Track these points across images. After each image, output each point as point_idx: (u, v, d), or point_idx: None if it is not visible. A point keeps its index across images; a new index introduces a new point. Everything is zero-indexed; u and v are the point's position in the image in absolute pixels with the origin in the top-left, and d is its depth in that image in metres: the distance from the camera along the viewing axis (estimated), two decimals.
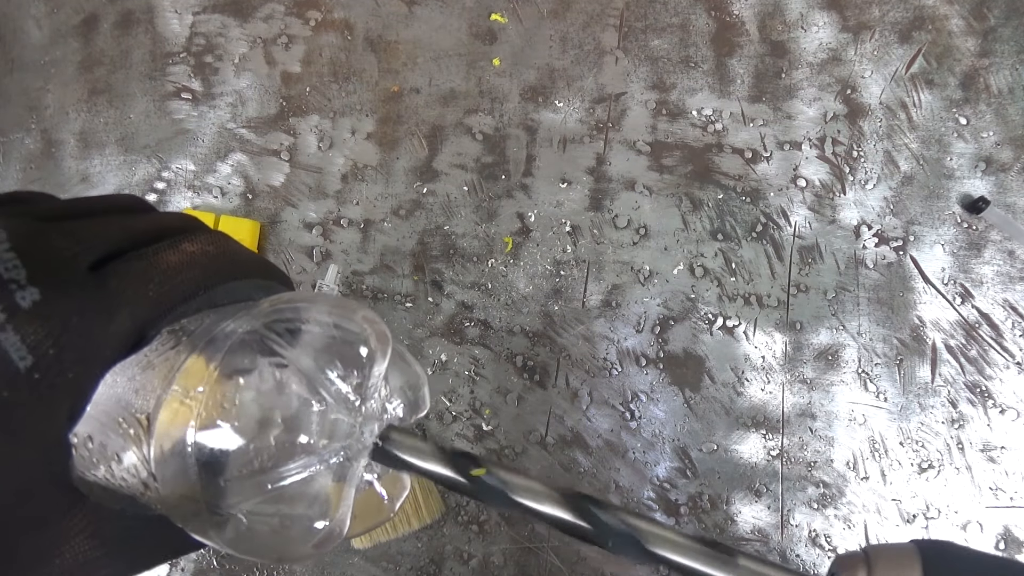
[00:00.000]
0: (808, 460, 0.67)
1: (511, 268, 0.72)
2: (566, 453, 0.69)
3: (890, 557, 0.20)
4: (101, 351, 0.18)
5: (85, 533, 0.19)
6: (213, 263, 0.22)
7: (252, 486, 0.20)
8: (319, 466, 0.21)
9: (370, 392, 0.22)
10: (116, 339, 0.19)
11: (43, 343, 0.17)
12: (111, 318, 0.19)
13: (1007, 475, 0.66)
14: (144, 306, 0.20)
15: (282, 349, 0.21)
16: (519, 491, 0.23)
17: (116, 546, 0.20)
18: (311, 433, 0.21)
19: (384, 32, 0.77)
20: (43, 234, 0.18)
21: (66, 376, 0.17)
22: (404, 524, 0.66)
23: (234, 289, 0.23)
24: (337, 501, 0.22)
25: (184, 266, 0.21)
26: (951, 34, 0.72)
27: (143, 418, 0.21)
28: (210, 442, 0.20)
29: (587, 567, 0.67)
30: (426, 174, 0.74)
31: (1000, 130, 0.70)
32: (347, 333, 0.22)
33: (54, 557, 0.19)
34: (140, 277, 0.20)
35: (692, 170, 0.72)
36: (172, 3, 0.80)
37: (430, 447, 0.23)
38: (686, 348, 0.69)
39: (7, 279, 0.17)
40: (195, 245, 0.22)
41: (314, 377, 0.21)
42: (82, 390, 0.18)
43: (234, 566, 0.69)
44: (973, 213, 0.69)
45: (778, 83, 0.73)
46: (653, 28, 0.75)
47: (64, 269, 0.18)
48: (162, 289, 0.20)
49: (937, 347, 0.68)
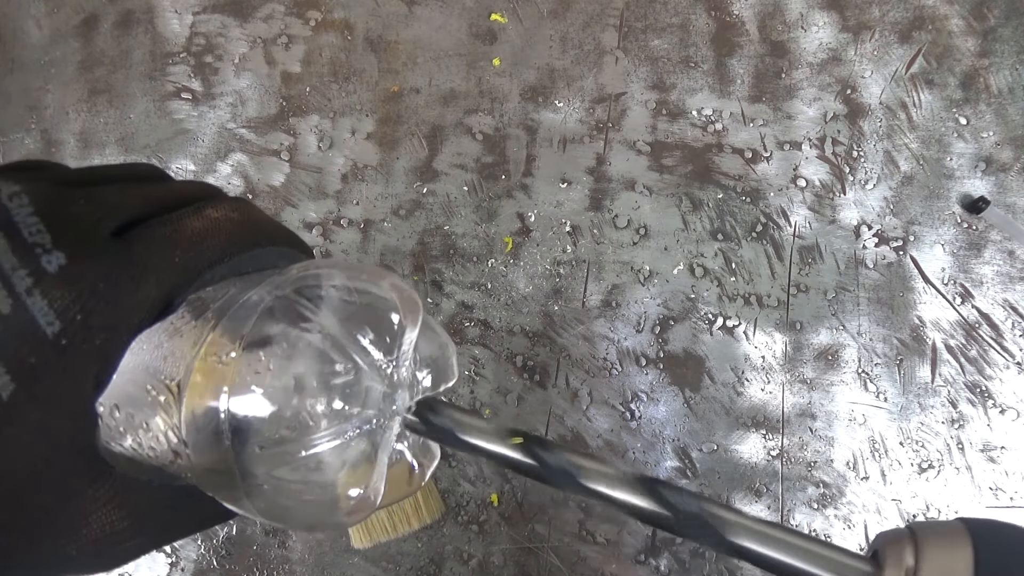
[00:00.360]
0: (808, 460, 0.67)
1: (511, 268, 0.72)
2: None
3: (938, 535, 0.19)
4: (128, 318, 0.18)
5: (112, 504, 0.19)
6: (238, 229, 0.22)
7: (285, 452, 0.20)
8: (352, 433, 0.21)
9: (402, 359, 0.22)
10: (143, 306, 0.19)
11: (70, 308, 0.17)
12: (137, 285, 0.18)
13: (1007, 475, 0.66)
14: (170, 273, 0.19)
15: (313, 314, 0.21)
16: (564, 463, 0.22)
17: (143, 517, 0.20)
18: (345, 399, 0.21)
19: (384, 32, 0.77)
20: (65, 199, 0.18)
21: (93, 343, 0.17)
22: (404, 524, 0.66)
23: (258, 256, 0.22)
24: (370, 469, 0.22)
25: (209, 232, 0.21)
26: (951, 34, 0.72)
27: (173, 385, 0.20)
28: (243, 408, 0.20)
29: (587, 567, 0.67)
30: (426, 174, 0.74)
31: (1000, 130, 0.70)
32: (377, 299, 0.22)
33: (81, 527, 0.19)
34: (165, 243, 0.20)
35: (692, 170, 0.72)
36: (172, 3, 0.80)
37: (467, 416, 0.23)
38: (686, 348, 0.69)
39: (32, 243, 0.16)
40: (219, 211, 0.21)
41: (346, 343, 0.21)
42: (109, 357, 0.18)
43: (234, 566, 0.69)
44: (973, 213, 0.69)
45: (778, 83, 0.73)
46: (653, 28, 0.75)
47: (89, 234, 0.18)
48: (188, 255, 0.20)
49: (937, 347, 0.68)
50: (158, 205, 0.21)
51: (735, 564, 0.66)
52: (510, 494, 0.68)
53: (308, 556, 0.69)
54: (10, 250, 0.16)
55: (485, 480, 0.68)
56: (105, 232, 0.18)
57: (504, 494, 0.68)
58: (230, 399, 0.20)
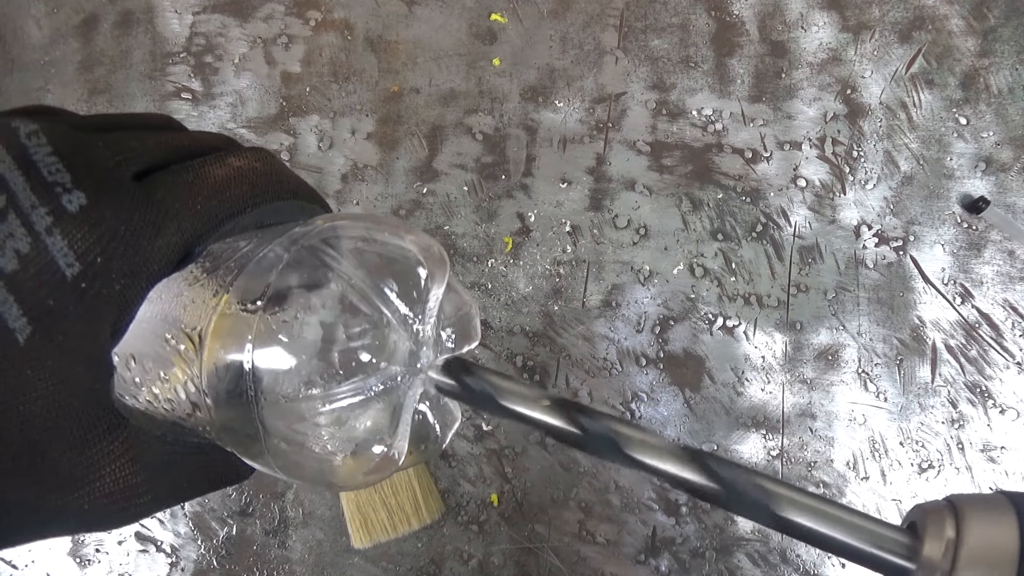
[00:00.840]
0: (808, 460, 0.67)
1: (511, 268, 0.72)
2: (566, 453, 0.69)
3: (980, 507, 0.18)
4: (149, 264, 0.18)
5: (125, 457, 0.19)
6: (261, 180, 0.21)
7: (309, 406, 0.20)
8: (377, 388, 0.20)
9: (428, 316, 0.21)
10: (163, 253, 0.18)
11: (91, 250, 0.16)
12: (158, 231, 0.18)
13: (1007, 475, 0.66)
14: (192, 220, 0.19)
15: (339, 265, 0.20)
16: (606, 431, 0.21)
17: (157, 472, 0.20)
18: (371, 351, 0.20)
19: (384, 32, 0.77)
20: (83, 141, 0.18)
21: (113, 288, 0.17)
22: (404, 524, 0.66)
23: (280, 209, 0.22)
24: (393, 427, 0.21)
25: (232, 181, 0.20)
26: (951, 34, 0.72)
27: (194, 334, 0.20)
28: (267, 359, 0.19)
29: (587, 567, 0.67)
30: (426, 174, 0.74)
31: (1000, 130, 0.70)
32: (405, 253, 0.21)
33: (94, 480, 0.18)
34: (187, 190, 0.19)
35: (692, 170, 0.72)
36: (172, 3, 0.80)
37: (503, 379, 0.22)
38: (686, 348, 0.69)
39: (51, 182, 0.16)
40: (242, 160, 0.21)
41: (373, 294, 0.20)
42: (128, 304, 0.17)
43: (234, 566, 0.69)
44: (973, 213, 0.69)
45: (778, 83, 0.73)
46: (653, 28, 0.75)
47: (110, 176, 0.17)
48: (210, 203, 0.19)
49: (937, 347, 0.68)
50: (179, 152, 0.20)
51: (735, 564, 0.66)
52: (510, 494, 0.68)
53: (308, 556, 0.69)
54: (29, 188, 0.16)
55: (485, 480, 0.68)
56: (126, 175, 0.18)
57: (504, 494, 0.68)
58: (254, 350, 0.19)
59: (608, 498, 0.68)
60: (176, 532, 0.70)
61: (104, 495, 0.18)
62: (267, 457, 0.20)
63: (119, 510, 0.19)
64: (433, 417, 0.24)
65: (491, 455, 0.69)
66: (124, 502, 0.19)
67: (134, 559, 0.70)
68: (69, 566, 0.71)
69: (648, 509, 0.67)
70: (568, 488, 0.68)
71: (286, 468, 0.21)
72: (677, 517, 0.67)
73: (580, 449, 0.21)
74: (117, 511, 0.19)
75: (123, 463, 0.19)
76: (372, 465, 0.21)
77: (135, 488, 0.19)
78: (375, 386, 0.20)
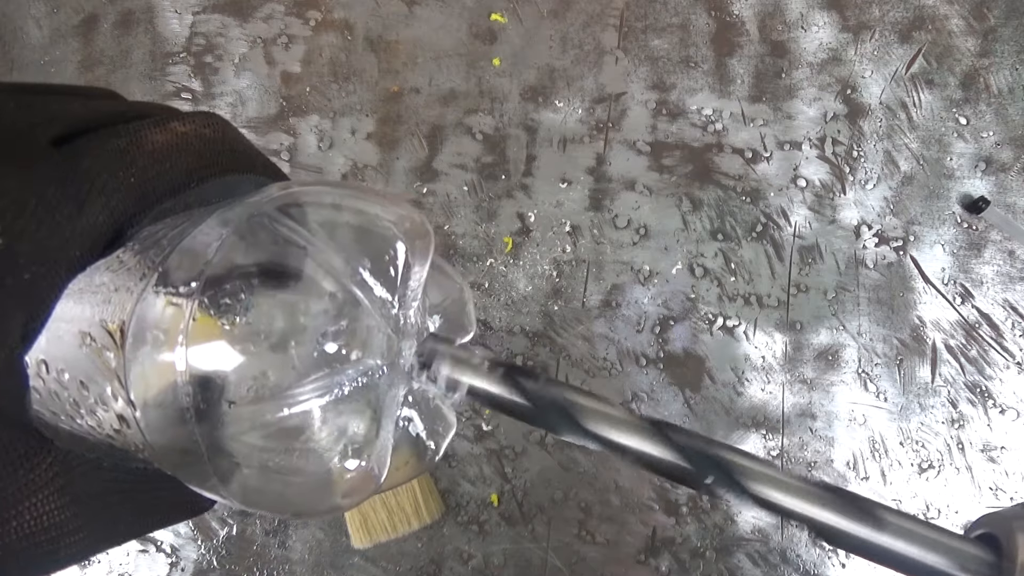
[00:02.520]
0: (808, 460, 0.67)
1: (511, 268, 0.72)
2: (566, 453, 0.69)
3: None
4: (67, 248, 0.14)
5: (50, 487, 0.15)
6: (209, 148, 0.17)
7: (264, 411, 0.16)
8: (348, 387, 0.17)
9: (409, 300, 0.18)
10: (87, 235, 0.14)
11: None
12: (81, 208, 0.14)
13: (1007, 475, 0.66)
14: (123, 195, 0.15)
15: (298, 238, 0.16)
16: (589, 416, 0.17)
17: (91, 506, 0.16)
18: (339, 340, 0.16)
19: (384, 32, 0.77)
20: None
21: (21, 277, 0.13)
22: (404, 524, 0.66)
23: (230, 184, 0.18)
24: (372, 436, 0.17)
25: (174, 149, 0.16)
26: (951, 34, 0.72)
27: (115, 327, 0.16)
28: (205, 356, 0.15)
29: (587, 567, 0.67)
30: (426, 174, 0.74)
31: (1000, 130, 0.70)
32: (380, 224, 0.18)
33: (10, 518, 0.14)
34: (119, 158, 0.15)
35: (692, 170, 0.72)
36: (172, 3, 0.80)
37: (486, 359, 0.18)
38: (686, 348, 0.69)
39: None
40: (187, 125, 0.17)
41: (341, 273, 0.16)
42: (40, 299, 0.14)
43: (234, 566, 0.69)
44: (973, 213, 0.69)
45: (778, 83, 0.73)
46: (653, 28, 0.75)
47: (19, 140, 0.14)
48: (146, 176, 0.16)
49: (937, 347, 0.68)
50: (111, 117, 0.16)
51: (735, 564, 0.66)
52: (510, 494, 0.68)
53: (308, 556, 0.69)
54: None
55: (485, 480, 0.68)
56: (41, 139, 0.14)
57: (504, 494, 0.68)
58: (188, 345, 0.15)
59: (608, 498, 0.68)
60: (176, 532, 0.70)
61: (24, 535, 0.15)
62: (213, 481, 0.16)
63: (45, 553, 0.15)
64: (423, 423, 0.20)
65: (491, 455, 0.69)
66: (51, 543, 0.15)
67: (134, 559, 0.70)
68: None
69: (648, 509, 0.67)
70: (568, 488, 0.68)
71: (241, 495, 0.17)
72: (677, 517, 0.67)
73: (528, 422, 0.18)
74: (42, 555, 0.15)
75: (47, 494, 0.15)
76: (347, 486, 0.17)
77: (64, 525, 0.15)
78: (345, 384, 0.17)
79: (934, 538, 0.16)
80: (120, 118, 0.16)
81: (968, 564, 0.16)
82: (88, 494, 0.16)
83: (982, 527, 0.18)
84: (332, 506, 0.18)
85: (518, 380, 0.18)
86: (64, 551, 0.15)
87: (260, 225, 0.16)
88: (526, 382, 0.18)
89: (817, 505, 0.17)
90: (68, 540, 0.15)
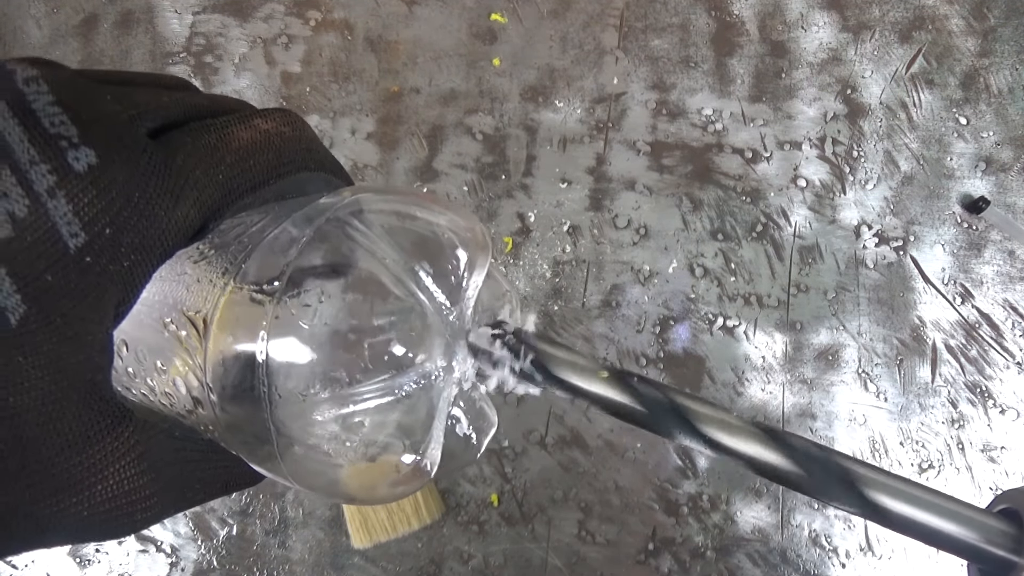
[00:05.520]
0: None
1: (511, 268, 0.72)
2: (566, 453, 0.69)
3: None
4: (163, 239, 0.15)
5: (131, 455, 0.16)
6: (288, 147, 0.18)
7: (331, 406, 0.17)
8: (408, 388, 0.18)
9: (466, 306, 0.19)
10: (179, 227, 0.15)
11: (99, 219, 0.14)
12: (177, 201, 0.15)
13: (1007, 475, 0.66)
14: (212, 191, 0.16)
15: (369, 243, 0.17)
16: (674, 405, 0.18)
17: (165, 473, 0.17)
18: (406, 343, 0.17)
19: (384, 32, 0.77)
20: (90, 91, 0.15)
21: (121, 264, 0.14)
22: (404, 524, 0.66)
23: (304, 181, 0.19)
24: (426, 433, 0.18)
25: (258, 146, 0.17)
26: (951, 34, 0.72)
27: (199, 319, 0.17)
28: (284, 350, 0.16)
29: (587, 567, 0.67)
30: (426, 174, 0.74)
31: (1000, 130, 0.70)
32: (444, 232, 0.19)
33: (95, 483, 0.15)
34: (210, 154, 0.16)
35: (692, 170, 0.72)
36: (172, 3, 0.80)
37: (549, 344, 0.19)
38: (686, 348, 0.69)
39: (54, 134, 0.13)
40: (269, 123, 0.18)
41: (408, 277, 0.17)
42: (134, 284, 0.15)
43: (234, 566, 0.69)
44: (973, 213, 0.69)
45: (778, 83, 0.73)
46: (653, 28, 0.75)
47: (123, 132, 0.15)
48: (233, 172, 0.17)
49: (937, 347, 0.68)
50: (197, 110, 0.17)
51: (735, 564, 0.66)
52: (510, 494, 0.68)
53: (308, 556, 0.69)
54: (27, 140, 0.13)
55: (485, 480, 0.68)
56: (141, 132, 0.15)
57: (504, 494, 0.68)
58: (269, 339, 0.16)
59: (608, 498, 0.68)
60: (176, 532, 0.70)
61: (107, 499, 0.16)
62: (278, 462, 0.18)
63: (124, 515, 0.16)
64: (468, 422, 0.21)
65: (491, 455, 0.69)
66: (129, 507, 0.16)
67: (134, 559, 0.70)
68: (69, 566, 0.70)
69: (648, 509, 0.67)
70: (568, 488, 0.68)
71: (299, 476, 0.18)
72: (677, 517, 0.67)
73: (641, 426, 0.19)
74: (122, 517, 0.16)
75: (128, 462, 0.16)
76: (401, 476, 0.18)
77: (142, 490, 0.16)
78: (407, 385, 0.18)
79: (955, 510, 0.17)
80: (207, 112, 0.17)
81: (992, 537, 0.16)
82: (163, 462, 0.17)
83: (1004, 502, 0.18)
84: (384, 495, 0.19)
85: (630, 383, 0.19)
86: (140, 515, 0.17)
87: (335, 229, 0.17)
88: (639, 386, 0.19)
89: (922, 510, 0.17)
90: (144, 505, 0.17)
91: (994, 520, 0.17)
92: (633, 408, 0.19)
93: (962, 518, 0.17)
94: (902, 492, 0.17)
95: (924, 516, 0.17)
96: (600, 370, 0.19)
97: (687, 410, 0.18)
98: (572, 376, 0.19)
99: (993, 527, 0.17)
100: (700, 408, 0.18)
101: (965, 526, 0.17)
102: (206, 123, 0.17)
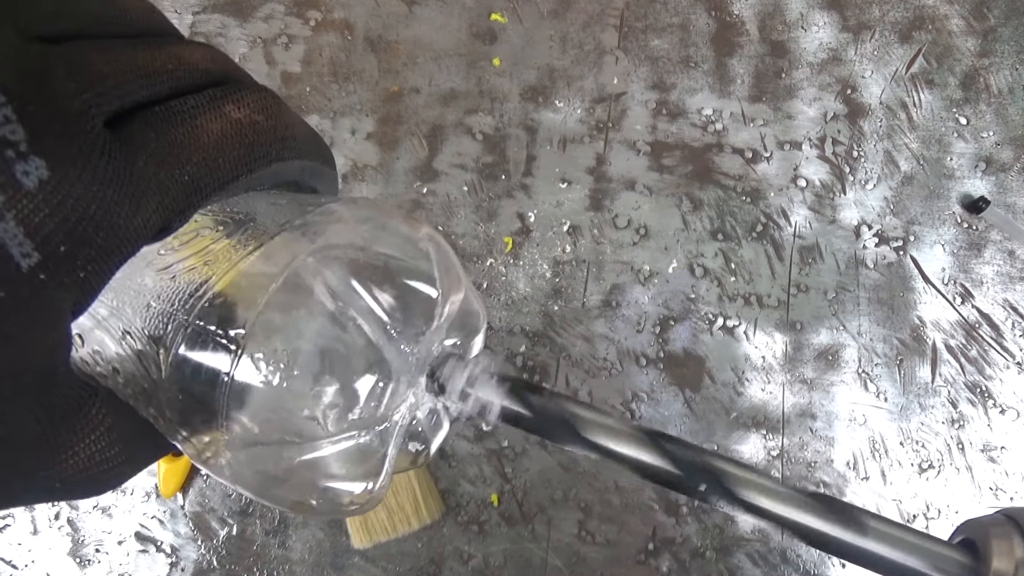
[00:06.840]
0: (808, 460, 0.67)
1: (511, 268, 0.72)
2: (566, 453, 0.69)
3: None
4: (122, 247, 0.14)
5: (100, 429, 0.16)
6: (261, 139, 0.17)
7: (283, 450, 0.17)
8: (366, 436, 0.18)
9: (430, 340, 0.19)
10: (139, 235, 0.15)
11: (53, 238, 0.13)
12: (137, 208, 0.14)
13: (1007, 475, 0.66)
14: (177, 193, 0.15)
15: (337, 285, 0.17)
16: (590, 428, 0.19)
17: (133, 438, 0.18)
18: (371, 408, 0.17)
19: (384, 32, 0.77)
20: (39, 67, 0.13)
21: (77, 276, 0.14)
22: (404, 524, 0.66)
23: (278, 171, 0.18)
24: (378, 465, 0.19)
25: (228, 141, 0.16)
26: (951, 34, 0.72)
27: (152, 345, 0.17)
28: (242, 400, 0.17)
29: (587, 567, 0.67)
30: (426, 174, 0.74)
31: (1000, 130, 0.70)
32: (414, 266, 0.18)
33: (67, 458, 0.16)
34: (176, 154, 0.15)
35: (692, 170, 0.72)
36: (172, 3, 0.80)
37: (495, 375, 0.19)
38: (686, 348, 0.69)
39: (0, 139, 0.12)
40: (242, 110, 0.17)
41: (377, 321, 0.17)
42: (91, 290, 0.15)
43: (234, 566, 0.69)
44: (973, 213, 0.69)
45: (778, 83, 0.73)
46: (653, 28, 0.75)
47: (77, 129, 0.13)
48: (200, 172, 0.16)
49: (937, 347, 0.68)
50: (162, 85, 0.16)
51: (735, 564, 0.66)
52: (510, 494, 0.68)
53: (308, 556, 0.69)
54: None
55: (485, 480, 0.68)
56: (97, 124, 0.14)
57: (504, 494, 0.68)
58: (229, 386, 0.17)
59: (608, 498, 0.68)
60: (176, 532, 0.70)
61: (78, 472, 0.16)
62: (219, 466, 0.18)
63: (97, 482, 0.17)
64: (421, 440, 0.21)
65: (491, 455, 0.69)
66: (102, 475, 0.17)
67: (134, 559, 0.70)
68: (69, 566, 0.70)
69: (648, 509, 0.67)
70: (568, 488, 0.68)
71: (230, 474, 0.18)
72: (677, 517, 0.67)
73: (533, 432, 0.19)
74: (95, 482, 0.17)
75: (97, 436, 0.16)
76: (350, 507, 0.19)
77: (112, 460, 0.17)
78: (365, 436, 0.18)
79: (915, 542, 0.17)
80: (172, 87, 0.16)
81: (948, 568, 0.17)
82: (130, 431, 0.18)
83: (962, 533, 0.19)
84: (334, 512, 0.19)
85: (524, 395, 0.19)
86: (114, 479, 0.18)
87: (300, 277, 0.17)
88: (531, 396, 0.19)
89: (802, 511, 0.18)
90: (116, 471, 0.17)
91: (951, 551, 0.17)
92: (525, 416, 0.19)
93: (922, 551, 0.17)
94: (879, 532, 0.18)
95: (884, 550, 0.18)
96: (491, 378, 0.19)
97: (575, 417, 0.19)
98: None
99: (950, 558, 0.17)
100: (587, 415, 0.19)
101: (923, 558, 0.17)
102: (172, 110, 0.16)
